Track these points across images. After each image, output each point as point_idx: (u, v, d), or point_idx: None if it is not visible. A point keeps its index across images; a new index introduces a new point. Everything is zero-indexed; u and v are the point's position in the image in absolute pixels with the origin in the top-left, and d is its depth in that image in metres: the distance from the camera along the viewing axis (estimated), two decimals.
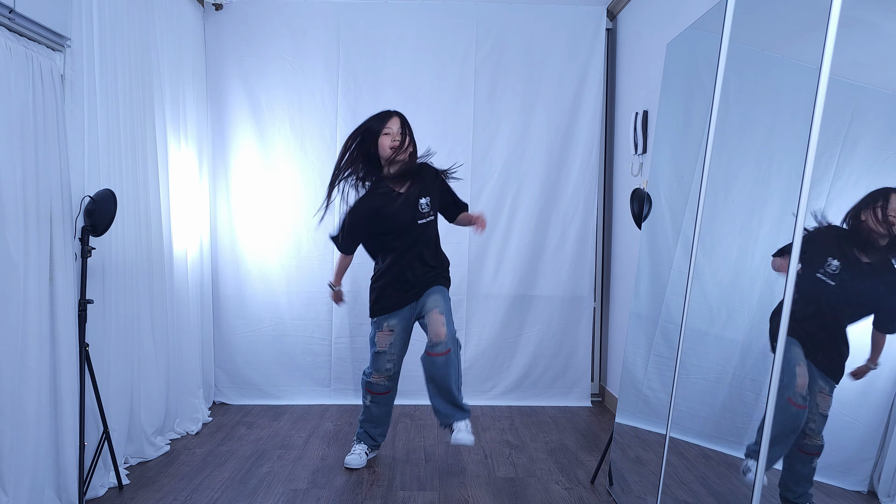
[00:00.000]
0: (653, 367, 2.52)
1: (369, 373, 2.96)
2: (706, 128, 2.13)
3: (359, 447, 3.03)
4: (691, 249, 2.16)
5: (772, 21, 2.02)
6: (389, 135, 2.78)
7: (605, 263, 4.22)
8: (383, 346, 2.88)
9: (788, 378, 1.83)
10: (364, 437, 3.05)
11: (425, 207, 2.84)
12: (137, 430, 2.96)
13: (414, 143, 2.84)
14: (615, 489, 2.68)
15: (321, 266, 4.03)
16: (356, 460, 2.97)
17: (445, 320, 2.73)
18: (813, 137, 1.58)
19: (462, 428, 2.74)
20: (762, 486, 1.67)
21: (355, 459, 2.97)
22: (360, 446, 3.03)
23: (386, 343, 2.88)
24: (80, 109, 2.57)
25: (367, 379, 2.97)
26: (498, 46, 4.01)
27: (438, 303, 2.78)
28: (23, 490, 2.21)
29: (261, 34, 3.95)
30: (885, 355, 1.62)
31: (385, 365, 2.90)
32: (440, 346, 2.68)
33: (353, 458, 2.98)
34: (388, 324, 2.88)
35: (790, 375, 1.82)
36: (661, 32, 3.30)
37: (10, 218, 2.16)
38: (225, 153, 3.99)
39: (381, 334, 2.88)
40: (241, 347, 4.03)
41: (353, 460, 2.97)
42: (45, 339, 2.34)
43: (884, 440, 1.59)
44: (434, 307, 2.76)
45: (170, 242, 3.27)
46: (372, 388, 2.96)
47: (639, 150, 3.55)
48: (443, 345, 2.68)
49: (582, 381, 4.13)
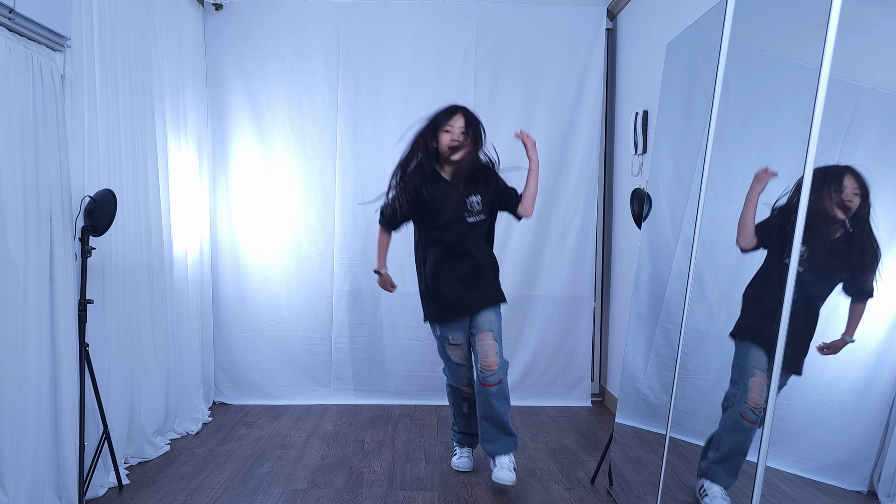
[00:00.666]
0: (653, 367, 2.52)
1: (456, 386, 2.93)
2: (706, 128, 2.13)
3: (463, 451, 3.01)
4: (691, 249, 2.16)
5: (772, 21, 2.02)
6: (451, 132, 2.68)
7: (605, 263, 4.21)
8: (461, 360, 2.83)
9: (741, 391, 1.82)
10: (465, 440, 3.01)
11: (476, 206, 2.72)
12: (137, 430, 2.96)
13: (478, 143, 2.72)
14: (615, 489, 2.68)
15: (321, 266, 4.03)
16: (466, 463, 2.98)
17: (498, 348, 2.70)
18: (813, 137, 1.58)
19: (505, 465, 2.69)
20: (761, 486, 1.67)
21: (465, 463, 2.98)
22: (464, 449, 3.01)
23: (460, 356, 2.83)
24: (80, 109, 2.57)
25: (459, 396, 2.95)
26: (498, 46, 4.01)
27: (492, 325, 2.72)
28: (23, 490, 2.21)
29: (261, 34, 3.95)
30: (883, 354, 1.62)
31: (467, 374, 2.87)
32: (493, 376, 2.66)
33: (462, 461, 2.98)
34: (452, 337, 2.79)
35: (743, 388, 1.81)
36: (661, 32, 3.30)
37: (10, 218, 2.16)
38: (225, 153, 3.99)
39: (451, 348, 2.82)
40: (241, 347, 4.03)
41: (464, 464, 2.98)
42: (45, 339, 2.34)
43: (884, 440, 1.59)
44: (488, 329, 2.70)
45: (170, 242, 3.27)
46: (467, 395, 2.92)
47: (639, 150, 3.55)
48: (495, 375, 2.66)
49: (582, 381, 4.13)
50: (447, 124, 2.69)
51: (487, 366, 2.66)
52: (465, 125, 2.69)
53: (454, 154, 2.69)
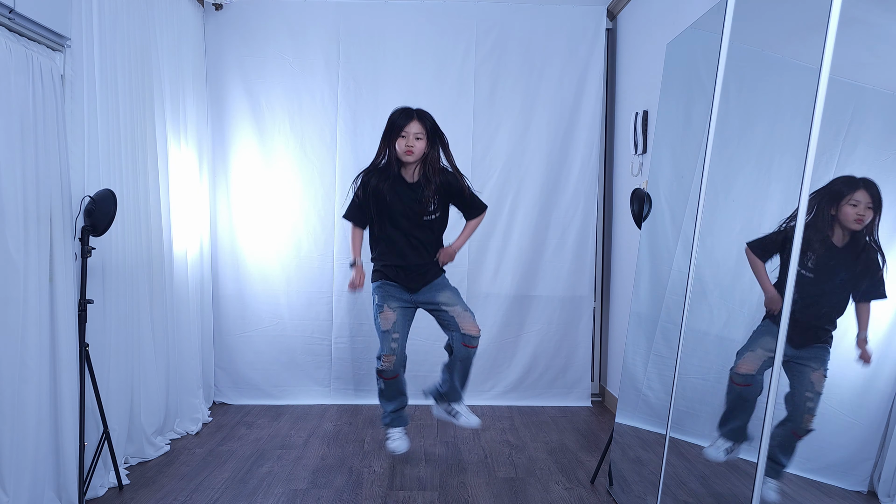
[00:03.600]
0: (653, 367, 2.52)
1: (379, 356, 2.97)
2: (706, 128, 2.13)
3: (394, 431, 3.04)
4: (691, 249, 2.16)
5: (772, 21, 2.02)
6: (405, 138, 2.82)
7: (605, 263, 4.22)
8: (387, 326, 2.92)
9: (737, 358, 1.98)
10: (391, 419, 3.05)
11: (432, 206, 2.90)
12: (137, 430, 2.96)
13: (437, 149, 2.88)
14: (615, 489, 2.68)
15: (321, 266, 4.03)
16: (400, 445, 3.01)
17: (472, 316, 2.97)
18: (813, 137, 1.58)
19: (464, 411, 3.07)
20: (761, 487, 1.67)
21: (398, 444, 3.00)
22: (395, 430, 3.04)
23: (389, 323, 2.92)
24: (80, 109, 2.57)
25: (378, 366, 2.97)
26: (498, 46, 4.01)
27: (459, 300, 2.99)
28: (23, 490, 2.21)
29: (261, 34, 3.95)
30: (884, 354, 1.62)
31: (390, 344, 2.92)
32: (476, 339, 2.95)
33: (395, 443, 3.01)
34: (388, 305, 2.94)
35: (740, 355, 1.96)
36: (661, 32, 3.30)
37: (10, 218, 2.16)
38: (225, 153, 3.99)
39: (382, 315, 2.94)
40: (241, 347, 4.03)
41: (398, 445, 3.00)
42: (45, 339, 2.34)
43: (884, 440, 1.59)
44: (456, 304, 2.96)
45: (170, 242, 3.27)
46: (383, 373, 2.96)
47: (639, 150, 3.55)
48: (477, 339, 2.96)
49: (582, 381, 4.13)
50: (403, 130, 2.82)
51: (472, 329, 2.93)
52: (421, 129, 2.81)
53: (408, 158, 2.82)
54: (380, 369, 2.94)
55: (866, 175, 1.66)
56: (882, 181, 1.63)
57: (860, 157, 1.68)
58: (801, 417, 1.71)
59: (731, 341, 1.97)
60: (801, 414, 1.71)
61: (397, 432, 3.04)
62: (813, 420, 1.71)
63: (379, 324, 2.95)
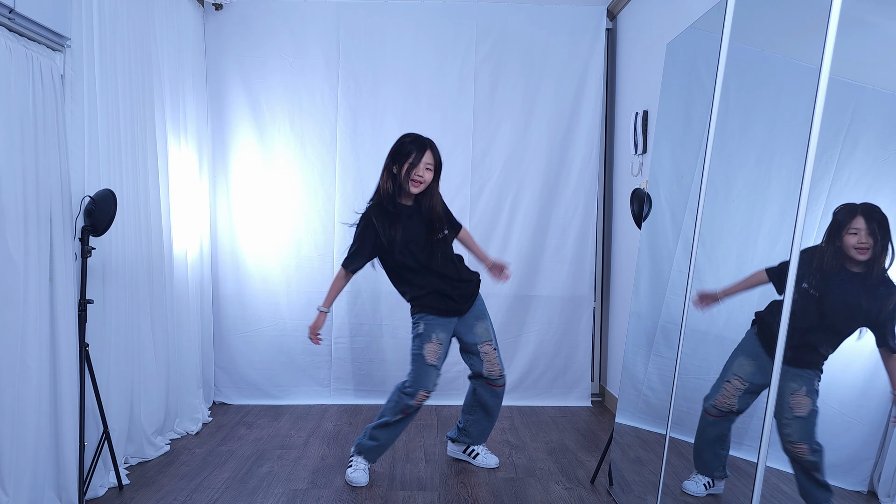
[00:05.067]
0: (653, 367, 2.52)
1: (412, 392, 2.73)
2: (706, 128, 2.13)
3: (361, 461, 2.83)
4: (691, 249, 2.16)
5: (772, 21, 2.02)
6: (416, 167, 2.68)
7: (605, 263, 4.22)
8: (433, 360, 2.74)
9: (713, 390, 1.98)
10: (370, 451, 2.83)
11: (438, 223, 2.78)
12: (137, 430, 2.96)
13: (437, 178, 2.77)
14: (615, 489, 2.68)
15: (321, 266, 4.03)
16: (362, 477, 2.78)
17: (499, 354, 2.92)
18: (813, 137, 1.58)
19: (483, 451, 3.05)
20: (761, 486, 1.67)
21: (360, 476, 2.78)
22: (363, 461, 2.83)
23: (436, 357, 2.75)
24: (80, 109, 2.57)
25: (409, 402, 2.73)
26: (498, 46, 4.01)
27: (490, 335, 2.91)
28: (23, 490, 2.21)
29: (261, 34, 3.95)
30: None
31: (434, 380, 2.75)
32: (501, 379, 2.92)
33: (358, 474, 2.78)
34: (437, 336, 2.76)
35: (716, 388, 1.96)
36: (661, 32, 3.30)
37: (10, 218, 2.16)
38: (225, 153, 4.00)
39: (430, 346, 2.74)
40: (241, 347, 4.03)
41: (359, 477, 2.77)
42: (45, 339, 2.34)
43: (884, 440, 1.59)
44: (487, 340, 2.89)
45: (170, 242, 3.27)
46: (409, 409, 2.75)
47: (639, 150, 3.55)
48: (503, 378, 2.93)
49: (582, 381, 4.13)
50: (415, 158, 2.68)
51: (495, 368, 2.89)
52: (431, 161, 2.73)
53: (415, 189, 2.71)
54: (409, 405, 2.72)
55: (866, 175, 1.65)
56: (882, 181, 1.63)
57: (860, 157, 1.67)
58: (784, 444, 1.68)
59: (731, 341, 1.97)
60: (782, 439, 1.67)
61: (364, 464, 2.82)
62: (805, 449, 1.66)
63: (424, 356, 2.73)
